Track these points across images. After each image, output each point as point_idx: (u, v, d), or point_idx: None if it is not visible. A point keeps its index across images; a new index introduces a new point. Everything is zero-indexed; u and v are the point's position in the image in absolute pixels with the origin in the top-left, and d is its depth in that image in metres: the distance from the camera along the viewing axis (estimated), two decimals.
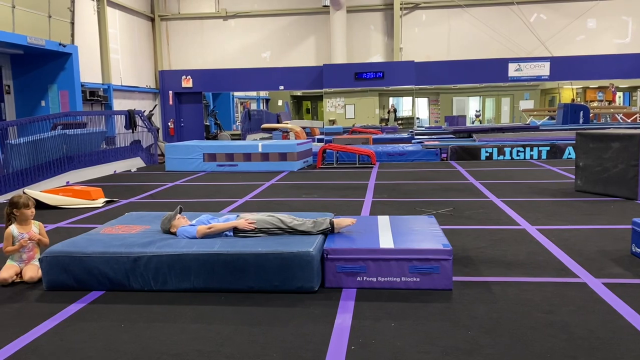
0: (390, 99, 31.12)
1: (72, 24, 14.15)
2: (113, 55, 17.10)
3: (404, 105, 33.61)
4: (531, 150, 13.24)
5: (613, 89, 22.88)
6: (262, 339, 3.20)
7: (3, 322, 3.55)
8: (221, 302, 3.83)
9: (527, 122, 22.02)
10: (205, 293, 3.98)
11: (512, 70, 18.86)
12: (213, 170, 12.22)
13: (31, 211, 4.49)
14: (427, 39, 19.96)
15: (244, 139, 19.59)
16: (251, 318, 3.53)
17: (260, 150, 12.23)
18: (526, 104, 27.25)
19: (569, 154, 13.00)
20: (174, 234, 4.48)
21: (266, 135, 20.32)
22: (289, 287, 3.93)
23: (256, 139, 17.83)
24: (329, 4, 18.98)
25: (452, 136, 16.90)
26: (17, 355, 3.05)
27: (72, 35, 14.14)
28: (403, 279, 3.97)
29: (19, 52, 12.92)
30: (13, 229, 4.47)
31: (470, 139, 15.67)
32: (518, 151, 13.26)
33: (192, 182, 10.64)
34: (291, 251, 3.91)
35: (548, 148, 13.23)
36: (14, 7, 11.84)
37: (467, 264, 4.58)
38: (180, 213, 4.67)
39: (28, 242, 4.46)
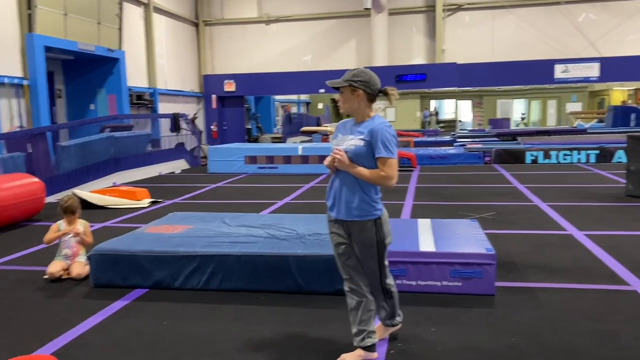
0: (432, 101, 30.78)
1: (120, 30, 14.59)
2: (159, 60, 17.54)
3: (446, 108, 33.17)
4: (579, 153, 12.82)
5: None
6: (301, 341, 3.21)
7: (52, 317, 3.69)
8: (261, 302, 3.86)
9: (574, 125, 21.34)
10: (246, 293, 4.02)
11: (559, 71, 18.27)
12: (254, 173, 12.37)
13: (73, 217, 4.75)
14: (470, 40, 19.62)
15: (285, 142, 19.72)
16: (291, 319, 3.54)
17: (300, 152, 12.30)
18: (573, 107, 26.41)
19: (619, 157, 12.51)
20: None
21: (306, 138, 20.40)
22: (328, 289, 3.93)
23: (296, 142, 17.94)
24: (370, 7, 18.92)
25: (496, 139, 16.55)
26: (64, 348, 3.16)
27: (120, 40, 14.59)
28: (444, 283, 3.91)
29: (70, 57, 13.41)
30: (60, 223, 4.77)
31: (515, 142, 15.31)
32: (565, 155, 12.86)
33: (234, 184, 10.79)
34: (331, 253, 3.90)
35: (597, 151, 12.78)
36: (66, 14, 12.32)
37: (511, 269, 4.47)
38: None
39: (68, 234, 4.67)
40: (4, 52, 10.74)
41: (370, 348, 2.91)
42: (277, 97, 26.17)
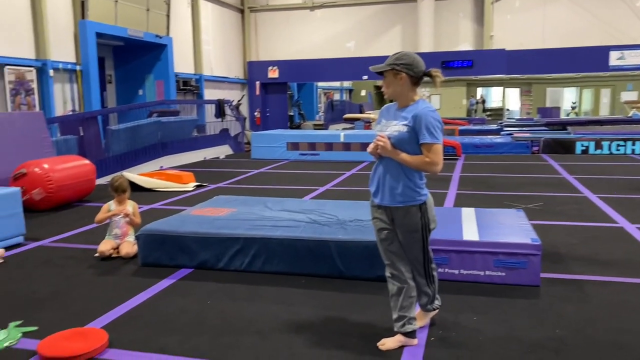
0: (479, 89, 30.10)
1: (168, 16, 14.86)
2: (205, 46, 17.78)
3: (493, 96, 32.39)
4: (633, 144, 12.30)
5: None
6: (341, 324, 3.24)
7: (102, 293, 3.85)
8: (302, 285, 3.91)
9: (629, 115, 20.45)
10: (287, 276, 4.08)
11: (614, 58, 17.52)
12: (296, 159, 12.45)
13: (122, 197, 4.90)
14: (520, 26, 19.03)
15: (327, 129, 19.73)
16: (331, 303, 3.57)
17: (342, 140, 12.28)
18: (629, 95, 25.29)
19: None
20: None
21: (348, 125, 20.35)
22: (369, 275, 3.94)
23: (338, 129, 17.91)
24: None
25: (545, 128, 16.07)
26: (115, 322, 3.30)
27: (168, 27, 14.86)
28: (487, 272, 3.85)
29: (120, 43, 13.77)
30: (110, 204, 4.94)
31: (565, 131, 14.83)
32: (618, 145, 12.36)
33: (276, 169, 10.89)
34: (372, 239, 3.89)
35: None
36: (117, 1, 12.63)
37: (557, 261, 4.36)
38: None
39: (117, 215, 4.84)
40: (59, 39, 11.13)
41: (410, 334, 2.91)
42: (320, 84, 26.16)
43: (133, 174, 8.56)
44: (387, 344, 2.90)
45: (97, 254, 4.70)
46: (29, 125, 7.67)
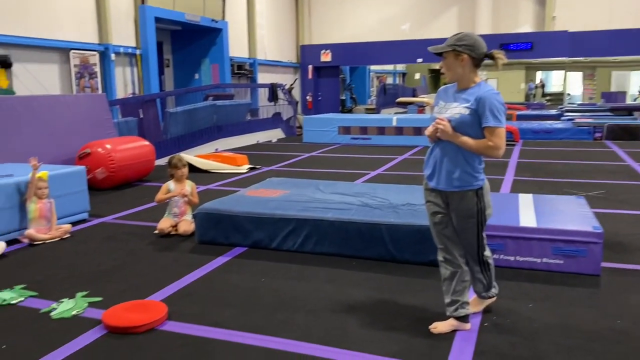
0: (538, 72, 29.01)
1: (224, 1, 15.06)
2: (259, 30, 17.93)
3: (554, 80, 31.14)
4: None
5: None
6: (393, 306, 3.24)
7: (162, 268, 4.00)
8: (353, 267, 3.93)
9: None
10: (338, 257, 4.11)
11: None
12: (347, 143, 12.43)
13: (181, 171, 5.05)
14: (584, 6, 18.12)
15: (379, 113, 19.56)
16: (382, 285, 3.58)
17: (394, 124, 12.16)
18: None
19: None
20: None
21: (401, 109, 20.09)
22: (420, 259, 3.91)
23: (391, 113, 17.73)
24: None
25: (609, 114, 15.34)
26: (172, 297, 3.43)
27: (223, 11, 15.07)
28: (544, 260, 3.75)
29: (177, 28, 14.09)
30: (169, 184, 5.10)
31: (631, 117, 14.10)
32: None
33: (328, 153, 10.92)
34: (424, 224, 3.86)
35: None
36: None
37: (620, 250, 4.18)
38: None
39: (176, 195, 4.99)
40: (121, 24, 11.51)
41: (463, 319, 2.88)
42: (373, 67, 25.89)
43: (190, 156, 8.79)
44: (439, 327, 2.89)
45: (156, 231, 4.89)
46: (92, 107, 8.00)
